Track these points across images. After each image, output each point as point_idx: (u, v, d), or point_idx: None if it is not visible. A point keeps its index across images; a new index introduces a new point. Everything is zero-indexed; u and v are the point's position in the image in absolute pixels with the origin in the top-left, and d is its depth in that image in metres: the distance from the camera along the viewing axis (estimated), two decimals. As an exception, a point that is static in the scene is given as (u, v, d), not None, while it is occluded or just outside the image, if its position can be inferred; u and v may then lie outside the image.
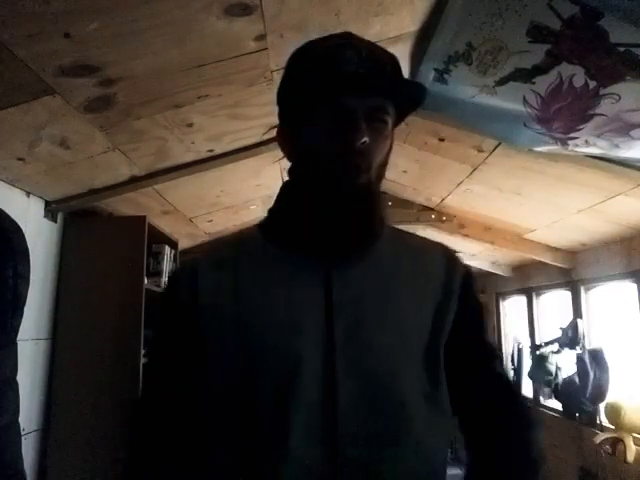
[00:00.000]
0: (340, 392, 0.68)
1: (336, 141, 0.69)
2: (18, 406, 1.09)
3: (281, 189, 0.80)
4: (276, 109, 0.80)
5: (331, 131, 0.70)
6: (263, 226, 0.80)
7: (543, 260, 3.45)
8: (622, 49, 1.26)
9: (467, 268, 0.84)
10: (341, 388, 0.68)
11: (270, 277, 0.74)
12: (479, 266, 4.20)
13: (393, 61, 0.74)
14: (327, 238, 0.72)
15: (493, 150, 2.20)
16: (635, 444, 2.68)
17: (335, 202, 0.71)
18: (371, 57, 0.70)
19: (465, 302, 0.80)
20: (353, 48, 0.70)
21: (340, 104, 0.69)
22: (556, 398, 3.46)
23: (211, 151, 2.02)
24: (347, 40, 0.73)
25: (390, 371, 0.71)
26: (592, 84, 1.40)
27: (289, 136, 0.77)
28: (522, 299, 4.20)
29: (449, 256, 0.83)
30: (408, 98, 0.75)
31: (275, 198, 0.80)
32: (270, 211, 0.80)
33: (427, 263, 0.80)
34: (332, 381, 0.68)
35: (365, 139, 0.67)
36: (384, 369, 0.71)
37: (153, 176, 2.07)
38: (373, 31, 1.49)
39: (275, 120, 0.80)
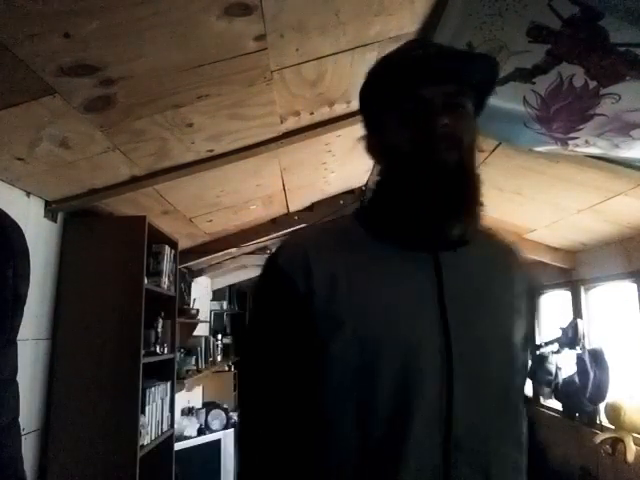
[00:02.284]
0: (455, 382, 0.70)
1: (419, 130, 0.73)
2: (18, 406, 1.09)
3: (376, 187, 0.83)
4: (275, 108, 0.81)
5: (414, 122, 0.74)
6: (360, 217, 0.82)
7: (543, 260, 3.45)
8: (622, 49, 1.26)
9: (533, 275, 0.91)
10: (456, 377, 0.70)
11: (379, 266, 0.75)
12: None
13: (462, 52, 0.82)
14: (430, 220, 0.74)
15: (493, 150, 2.21)
16: (635, 444, 2.68)
17: (431, 183, 0.73)
18: (440, 50, 0.78)
19: (528, 309, 0.83)
20: (422, 46, 0.78)
21: (418, 96, 0.73)
22: (556, 398, 3.46)
23: (211, 151, 2.02)
24: (414, 42, 0.82)
25: (496, 369, 0.74)
26: (592, 84, 1.40)
27: (376, 141, 0.82)
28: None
29: (521, 256, 0.88)
30: (482, 78, 0.79)
31: (371, 195, 0.84)
32: (369, 203, 0.83)
33: (511, 262, 0.85)
34: (450, 369, 0.70)
35: (445, 121, 0.72)
36: (491, 365, 0.74)
37: (153, 176, 2.07)
38: (373, 31, 1.49)
39: (275, 119, 0.81)
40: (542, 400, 3.74)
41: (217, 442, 3.74)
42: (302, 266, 0.74)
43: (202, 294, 4.39)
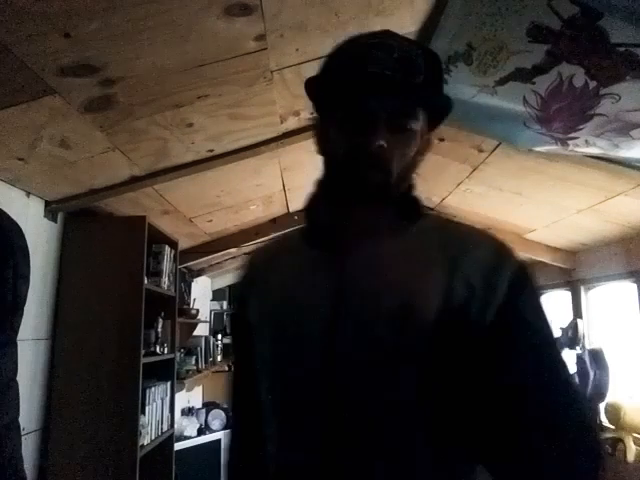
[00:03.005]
0: (338, 356, 0.69)
1: (353, 142, 0.69)
2: (18, 406, 1.09)
3: (313, 185, 0.82)
4: (276, 108, 0.81)
5: (351, 131, 0.69)
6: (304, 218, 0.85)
7: (543, 260, 3.45)
8: (622, 49, 1.26)
9: (520, 266, 0.70)
10: (339, 351, 0.69)
11: (294, 269, 0.78)
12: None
13: (431, 64, 0.71)
14: (343, 235, 0.74)
15: (493, 150, 2.21)
16: (635, 444, 2.68)
17: (352, 199, 0.72)
18: (402, 59, 0.67)
19: (509, 308, 0.65)
20: (385, 48, 0.68)
21: (362, 105, 0.68)
22: (556, 398, 3.45)
23: (211, 151, 2.02)
24: (382, 39, 0.70)
25: (383, 327, 0.67)
26: (592, 84, 1.40)
27: (320, 133, 0.79)
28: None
29: (497, 251, 0.72)
30: (435, 107, 0.74)
31: (308, 194, 0.83)
32: (304, 207, 0.84)
33: (462, 257, 0.70)
34: (332, 343, 0.69)
35: (381, 143, 0.66)
36: (379, 324, 0.67)
37: (153, 176, 2.07)
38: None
39: (275, 119, 0.81)
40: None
41: (217, 442, 3.73)
42: (243, 276, 0.87)
43: (202, 294, 4.39)
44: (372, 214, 0.73)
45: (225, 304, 5.28)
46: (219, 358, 4.54)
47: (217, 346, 4.55)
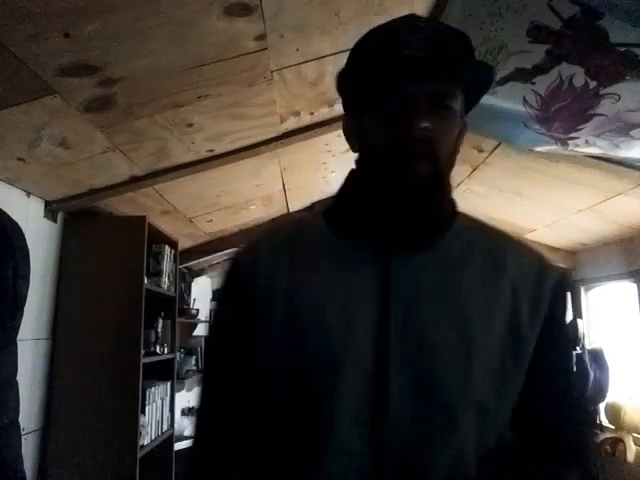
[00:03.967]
0: (390, 387, 0.64)
1: (396, 128, 0.65)
2: (18, 406, 1.09)
3: (347, 177, 0.78)
4: (276, 108, 0.79)
5: (391, 118, 0.66)
6: (326, 212, 0.77)
7: (543, 260, 3.45)
8: (622, 49, 1.26)
9: (563, 276, 0.73)
10: (392, 383, 0.64)
11: (326, 263, 0.71)
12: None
13: (461, 42, 0.69)
14: (387, 227, 0.69)
15: (493, 150, 2.21)
16: (635, 444, 2.68)
17: (397, 191, 0.67)
18: (434, 39, 0.66)
19: (552, 317, 0.70)
20: (414, 30, 0.67)
21: (400, 90, 0.65)
22: (556, 398, 3.45)
23: (211, 151, 2.02)
24: (409, 22, 0.69)
25: (444, 372, 0.65)
26: (592, 84, 1.40)
27: (353, 125, 0.74)
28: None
29: (541, 261, 0.74)
30: (475, 81, 0.71)
31: (340, 186, 0.78)
32: (334, 198, 0.78)
33: (507, 263, 0.71)
34: (382, 375, 0.64)
35: (425, 124, 0.63)
36: (438, 369, 0.65)
37: (153, 176, 2.07)
38: (373, 31, 1.49)
39: (275, 119, 0.79)
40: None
41: (217, 442, 3.73)
42: (247, 266, 0.75)
43: (202, 294, 4.39)
44: (416, 211, 0.68)
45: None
46: (219, 358, 4.53)
47: (217, 346, 4.54)
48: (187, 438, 3.58)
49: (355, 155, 0.76)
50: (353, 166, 0.77)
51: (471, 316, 0.67)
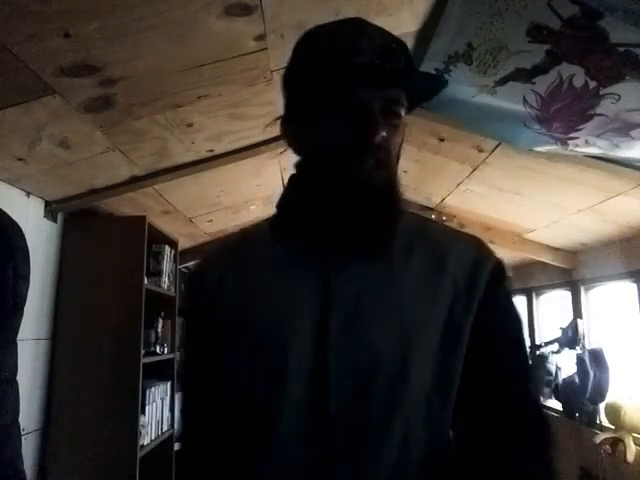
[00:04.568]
0: (331, 392, 0.64)
1: (352, 136, 0.64)
2: (18, 406, 1.09)
3: (288, 183, 0.75)
4: (276, 108, 0.78)
5: (346, 126, 0.64)
6: (270, 221, 0.76)
7: (543, 260, 3.45)
8: (622, 49, 1.26)
9: (497, 262, 0.73)
10: (332, 389, 0.64)
11: (269, 271, 0.72)
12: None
13: (405, 50, 0.69)
14: (331, 233, 0.68)
15: (493, 150, 2.20)
16: (635, 444, 2.68)
17: (351, 199, 0.66)
18: (385, 46, 0.66)
19: (488, 302, 0.70)
20: (367, 36, 0.66)
21: (355, 97, 0.64)
22: (556, 398, 3.46)
23: (211, 151, 2.02)
24: (359, 27, 0.68)
25: (386, 371, 0.65)
26: (592, 84, 1.40)
27: (297, 128, 0.72)
28: (522, 299, 4.20)
29: (477, 249, 0.74)
30: (422, 89, 0.71)
31: (282, 192, 0.76)
32: (277, 206, 0.76)
33: (446, 257, 0.71)
34: (322, 380, 0.65)
35: (383, 133, 0.63)
36: (379, 368, 0.65)
37: (153, 176, 2.07)
38: (373, 31, 1.49)
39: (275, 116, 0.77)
40: (542, 400, 3.74)
41: (217, 442, 3.73)
42: (197, 281, 0.78)
43: (202, 294, 4.38)
44: (359, 213, 0.67)
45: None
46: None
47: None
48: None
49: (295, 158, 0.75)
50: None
51: (411, 314, 0.67)
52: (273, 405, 0.66)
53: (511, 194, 2.65)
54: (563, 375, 3.40)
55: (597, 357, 3.04)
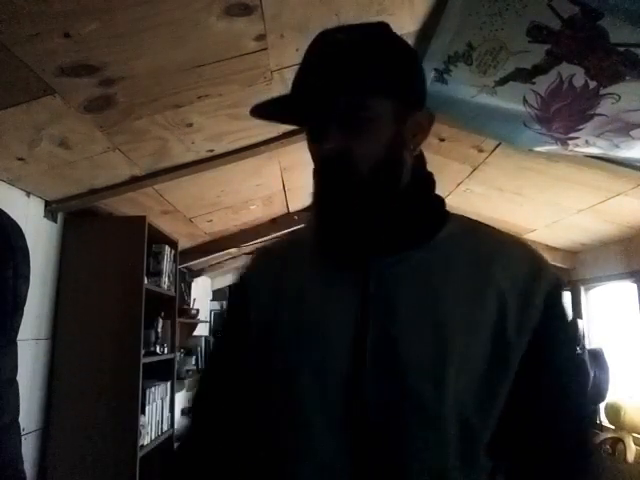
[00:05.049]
0: (369, 407, 0.63)
1: (314, 150, 0.70)
2: (18, 406, 1.09)
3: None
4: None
5: (312, 139, 0.71)
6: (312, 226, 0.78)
7: (543, 260, 3.45)
8: (622, 49, 1.26)
9: (557, 279, 0.68)
10: (369, 402, 0.63)
11: (308, 277, 0.73)
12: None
13: (378, 48, 0.68)
14: (353, 241, 0.68)
15: (493, 150, 2.21)
16: (635, 444, 2.68)
17: (331, 207, 0.68)
18: (340, 53, 0.67)
19: (549, 325, 0.65)
20: (322, 49, 0.71)
21: (311, 110, 0.68)
22: (556, 398, 3.45)
23: (211, 151, 2.02)
24: (323, 41, 0.72)
25: (420, 387, 0.63)
26: (592, 84, 1.40)
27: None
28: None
29: (532, 260, 0.69)
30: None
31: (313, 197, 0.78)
32: (312, 212, 0.77)
33: (493, 267, 0.67)
34: (359, 391, 0.64)
35: (329, 146, 0.66)
36: (414, 384, 0.63)
37: (153, 176, 2.07)
38: (373, 31, 1.49)
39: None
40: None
41: (217, 442, 3.72)
42: (242, 282, 0.81)
43: (202, 294, 4.39)
44: (386, 222, 0.67)
45: (225, 304, 5.28)
46: (219, 358, 4.53)
47: (217, 346, 4.54)
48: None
49: None
50: None
51: (451, 330, 0.64)
52: (306, 418, 0.66)
53: (511, 194, 2.65)
54: (563, 375, 3.39)
55: (597, 357, 3.04)
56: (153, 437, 2.44)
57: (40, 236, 2.07)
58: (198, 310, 3.72)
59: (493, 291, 0.65)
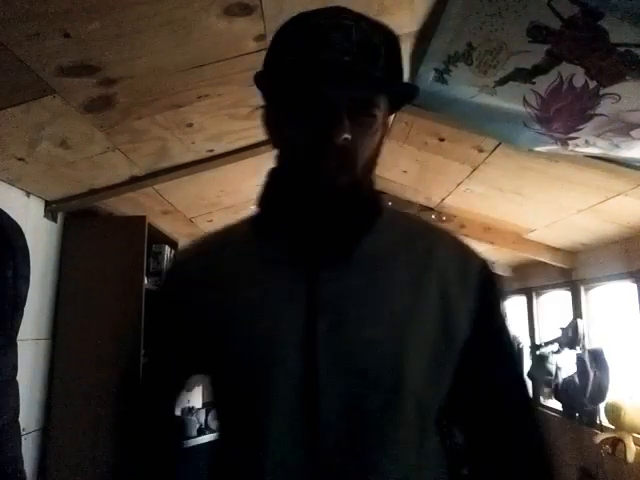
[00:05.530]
0: (322, 395, 0.62)
1: (315, 135, 0.62)
2: (18, 406, 1.09)
3: (267, 176, 0.74)
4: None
5: (311, 123, 0.62)
6: (253, 218, 0.75)
7: (543, 260, 3.45)
8: (622, 49, 1.26)
9: (488, 260, 0.73)
10: (322, 391, 0.62)
11: (252, 273, 0.70)
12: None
13: (389, 44, 0.66)
14: (310, 237, 0.67)
15: (493, 150, 2.20)
16: (635, 444, 2.68)
17: (315, 202, 0.66)
18: (362, 42, 0.62)
19: (485, 306, 0.70)
20: (342, 29, 0.62)
21: (321, 93, 0.61)
22: (556, 398, 3.46)
23: (211, 151, 2.02)
24: (338, 18, 0.64)
25: (378, 371, 0.63)
26: (592, 84, 1.40)
27: (271, 121, 0.71)
28: (522, 299, 4.20)
29: (462, 244, 0.74)
30: (400, 93, 0.69)
31: (261, 186, 0.74)
32: (257, 202, 0.75)
33: (431, 252, 0.70)
34: (312, 383, 0.62)
35: (346, 136, 0.60)
36: (371, 368, 0.63)
37: (153, 176, 2.07)
38: (373, 31, 1.49)
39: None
40: (542, 400, 3.74)
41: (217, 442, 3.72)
42: (174, 276, 0.79)
43: (202, 294, 4.38)
44: (336, 212, 0.66)
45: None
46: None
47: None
48: (187, 438, 3.58)
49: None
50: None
51: (399, 314, 0.66)
52: (260, 407, 0.64)
53: (511, 194, 2.65)
54: (563, 375, 3.39)
55: (597, 357, 3.04)
56: (153, 437, 2.43)
57: (40, 236, 2.07)
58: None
59: (434, 279, 0.68)
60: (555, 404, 3.53)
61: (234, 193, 2.71)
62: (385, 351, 0.64)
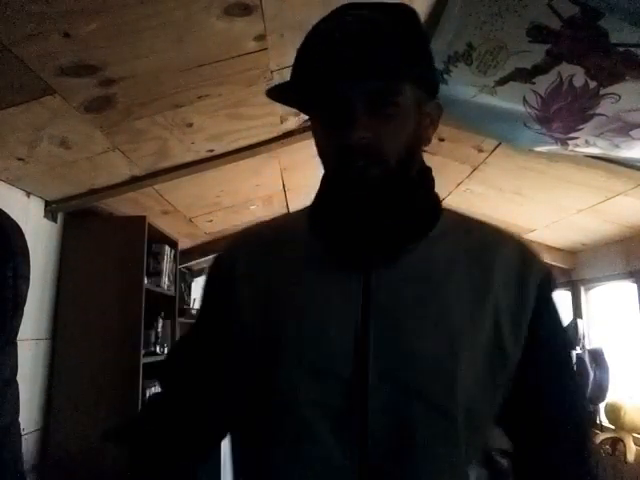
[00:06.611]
0: (370, 402, 0.61)
1: (333, 137, 0.62)
2: (18, 406, 1.09)
3: (322, 178, 0.73)
4: (276, 108, 0.76)
5: (329, 126, 0.63)
6: (310, 212, 0.73)
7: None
8: (622, 49, 1.26)
9: (548, 271, 0.70)
10: (371, 398, 0.61)
11: (307, 267, 0.68)
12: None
13: (403, 25, 0.63)
14: (359, 239, 0.66)
15: (493, 150, 2.20)
16: (635, 444, 2.68)
17: (353, 201, 0.64)
18: (365, 32, 0.60)
19: (540, 318, 0.67)
20: (344, 25, 0.62)
21: (333, 95, 0.61)
22: (556, 398, 3.45)
23: (211, 151, 2.02)
24: (342, 15, 0.63)
25: (431, 387, 0.62)
26: (592, 84, 1.40)
27: (312, 132, 0.71)
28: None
29: (524, 253, 0.70)
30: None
31: (318, 187, 0.74)
32: (314, 202, 0.74)
33: (492, 260, 0.67)
34: (361, 390, 0.61)
35: (362, 135, 0.60)
36: (421, 381, 0.62)
37: (153, 176, 2.07)
38: (373, 31, 1.49)
39: (275, 119, 0.78)
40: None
41: (217, 442, 3.72)
42: (227, 265, 0.74)
43: (202, 294, 4.38)
44: (374, 218, 0.65)
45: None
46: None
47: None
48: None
49: None
50: None
51: (455, 325, 0.63)
52: (306, 422, 0.62)
53: (511, 194, 2.65)
54: (563, 375, 3.39)
55: (597, 357, 3.04)
56: (153, 437, 2.43)
57: (40, 236, 2.07)
58: (198, 310, 3.71)
59: (491, 286, 0.65)
60: (555, 404, 3.52)
61: (234, 193, 2.71)
62: (440, 367, 0.62)
